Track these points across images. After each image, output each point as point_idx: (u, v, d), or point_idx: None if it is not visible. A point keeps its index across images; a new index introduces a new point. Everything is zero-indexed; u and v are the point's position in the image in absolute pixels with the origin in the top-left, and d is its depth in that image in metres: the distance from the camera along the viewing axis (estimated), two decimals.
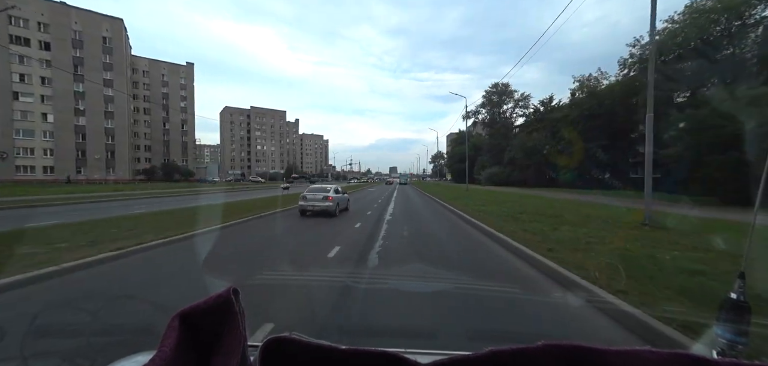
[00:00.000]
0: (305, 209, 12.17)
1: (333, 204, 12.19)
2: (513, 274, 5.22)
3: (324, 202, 12.02)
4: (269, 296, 4.07)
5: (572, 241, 6.88)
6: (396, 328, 3.24)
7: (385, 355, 0.56)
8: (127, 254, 6.05)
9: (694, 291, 3.83)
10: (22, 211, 13.96)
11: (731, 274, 3.87)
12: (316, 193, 12.44)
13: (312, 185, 14.74)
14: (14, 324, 3.21)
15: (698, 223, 9.67)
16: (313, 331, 3.23)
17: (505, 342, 0.53)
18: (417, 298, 4.08)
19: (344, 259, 6.05)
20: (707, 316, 3.21)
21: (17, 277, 4.41)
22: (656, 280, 4.25)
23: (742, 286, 0.90)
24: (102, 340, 2.65)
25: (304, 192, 12.85)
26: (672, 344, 2.79)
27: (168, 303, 3.83)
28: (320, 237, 8.35)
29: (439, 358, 0.53)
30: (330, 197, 12.16)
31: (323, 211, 11.94)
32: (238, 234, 8.67)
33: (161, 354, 0.49)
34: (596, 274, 4.45)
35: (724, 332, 0.86)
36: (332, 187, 13.27)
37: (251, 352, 0.63)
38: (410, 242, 7.68)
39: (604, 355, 0.49)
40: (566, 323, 3.49)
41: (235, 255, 6.39)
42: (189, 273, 5.31)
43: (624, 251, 5.92)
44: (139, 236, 7.23)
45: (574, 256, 5.52)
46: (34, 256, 5.30)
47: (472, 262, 6.13)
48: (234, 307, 0.60)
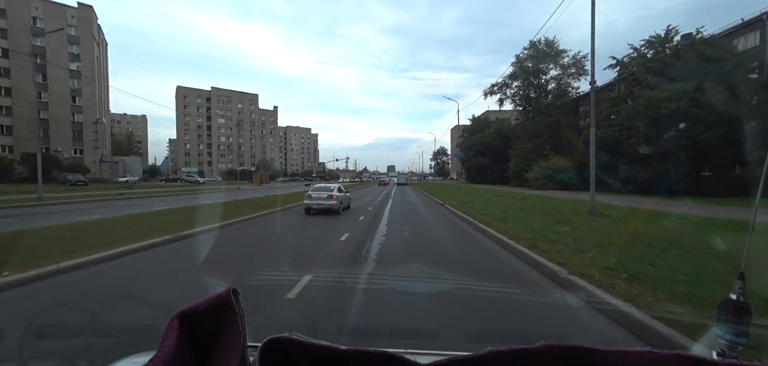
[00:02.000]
0: (310, 207, 12.90)
1: (337, 202, 13.00)
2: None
3: (328, 200, 12.91)
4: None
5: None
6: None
7: (384, 355, 0.56)
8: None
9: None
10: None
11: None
12: (320, 191, 13.32)
13: (317, 184, 15.78)
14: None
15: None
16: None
17: (505, 342, 0.53)
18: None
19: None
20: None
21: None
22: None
23: (741, 287, 0.90)
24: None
25: (309, 191, 13.63)
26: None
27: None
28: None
29: (439, 358, 0.53)
30: (334, 196, 12.99)
31: (327, 209, 12.82)
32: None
33: (161, 354, 0.49)
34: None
35: (724, 333, 0.86)
36: (336, 186, 14.18)
37: (251, 353, 0.63)
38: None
39: (604, 356, 0.49)
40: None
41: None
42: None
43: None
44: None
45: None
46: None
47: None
48: (233, 307, 0.60)
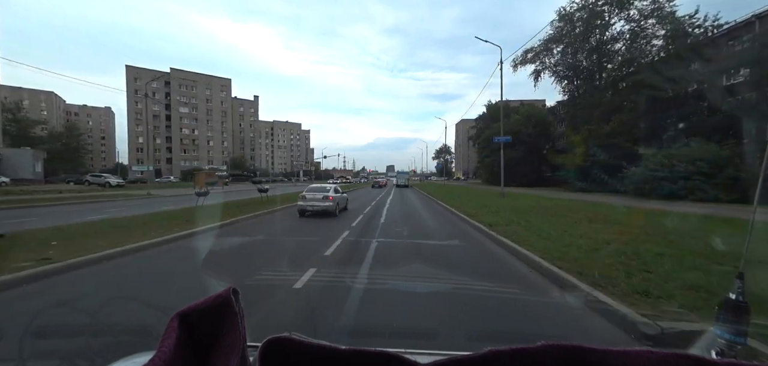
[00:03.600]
0: (305, 209, 12.20)
1: (333, 204, 12.29)
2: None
3: (324, 201, 12.14)
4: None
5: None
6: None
7: (384, 355, 0.56)
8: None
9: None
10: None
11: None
12: (316, 192, 12.52)
13: (311, 184, 14.61)
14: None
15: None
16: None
17: (505, 342, 0.53)
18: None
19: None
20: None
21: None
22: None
23: (740, 287, 0.90)
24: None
25: (303, 191, 12.78)
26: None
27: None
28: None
29: (439, 358, 0.53)
30: (330, 197, 12.24)
31: (323, 211, 12.05)
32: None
33: (161, 354, 0.49)
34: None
35: (724, 333, 0.87)
36: (332, 187, 13.41)
37: (251, 353, 0.63)
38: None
39: (604, 356, 0.49)
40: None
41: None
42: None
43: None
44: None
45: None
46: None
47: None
48: (233, 307, 0.60)
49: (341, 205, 13.54)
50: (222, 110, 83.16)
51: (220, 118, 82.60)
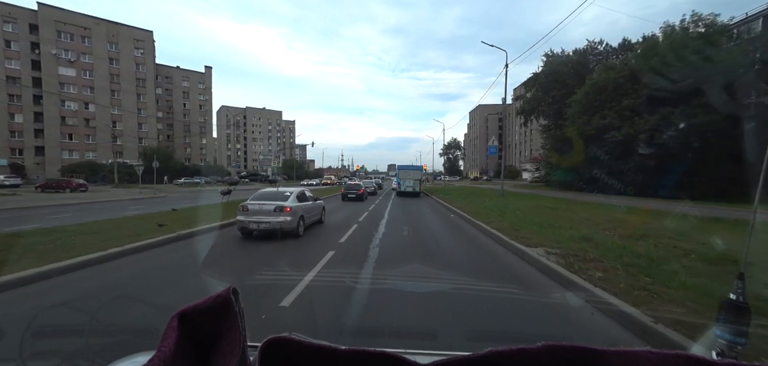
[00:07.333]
0: (247, 227, 8.17)
1: (292, 218, 8.20)
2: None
3: (277, 215, 8.08)
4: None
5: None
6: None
7: (384, 355, 0.56)
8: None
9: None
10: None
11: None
12: (264, 201, 8.45)
13: (263, 189, 10.39)
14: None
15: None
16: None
17: (505, 342, 0.53)
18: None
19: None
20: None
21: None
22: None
23: (741, 287, 0.90)
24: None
25: (246, 201, 8.80)
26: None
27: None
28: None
29: (439, 358, 0.53)
30: (287, 207, 8.22)
31: (275, 229, 7.99)
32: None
33: (161, 354, 0.49)
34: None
35: (724, 333, 0.87)
36: (294, 192, 9.06)
37: (251, 352, 0.63)
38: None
39: (604, 356, 0.49)
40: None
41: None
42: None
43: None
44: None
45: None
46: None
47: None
48: (233, 307, 0.59)
49: (311, 218, 9.61)
50: (136, 77, 54.10)
51: (134, 89, 53.90)
